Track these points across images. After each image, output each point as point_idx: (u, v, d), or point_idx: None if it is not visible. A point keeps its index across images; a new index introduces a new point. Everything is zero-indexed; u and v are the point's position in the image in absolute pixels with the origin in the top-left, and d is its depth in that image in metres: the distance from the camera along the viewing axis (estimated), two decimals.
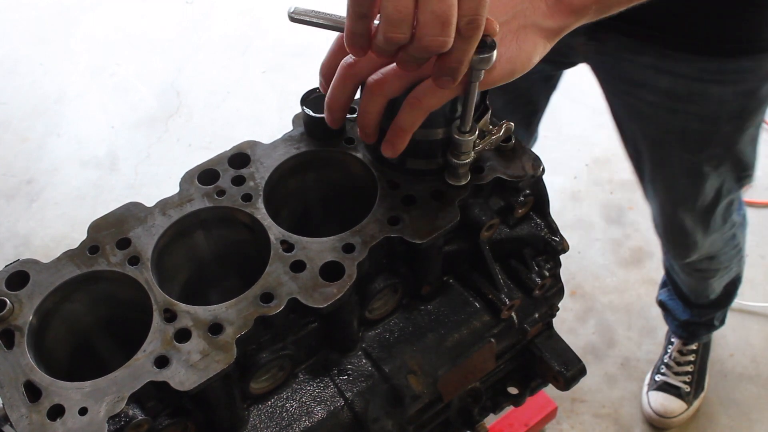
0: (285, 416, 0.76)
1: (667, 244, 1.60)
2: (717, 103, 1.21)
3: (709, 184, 1.35)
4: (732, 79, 1.17)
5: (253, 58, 3.12)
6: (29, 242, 2.49)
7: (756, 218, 2.44)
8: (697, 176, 1.34)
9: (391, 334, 0.82)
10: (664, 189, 1.41)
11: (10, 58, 3.18)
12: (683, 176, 1.35)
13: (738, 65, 1.16)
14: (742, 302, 2.21)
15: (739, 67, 1.16)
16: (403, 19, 0.58)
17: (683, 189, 1.38)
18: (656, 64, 1.19)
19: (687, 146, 1.29)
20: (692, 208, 1.41)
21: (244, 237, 0.77)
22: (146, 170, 2.70)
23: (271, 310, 0.67)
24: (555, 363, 0.91)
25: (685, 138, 1.28)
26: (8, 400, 0.63)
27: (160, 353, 0.65)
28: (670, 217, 1.47)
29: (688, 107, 1.22)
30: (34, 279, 0.70)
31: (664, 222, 1.51)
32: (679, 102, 1.22)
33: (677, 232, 1.50)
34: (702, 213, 1.43)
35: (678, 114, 1.24)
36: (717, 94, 1.19)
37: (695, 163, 1.31)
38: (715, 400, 2.03)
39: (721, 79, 1.17)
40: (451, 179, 0.76)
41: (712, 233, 1.50)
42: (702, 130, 1.25)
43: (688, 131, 1.26)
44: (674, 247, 1.58)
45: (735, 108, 1.22)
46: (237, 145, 0.81)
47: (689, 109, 1.23)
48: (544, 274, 0.86)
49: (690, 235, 1.49)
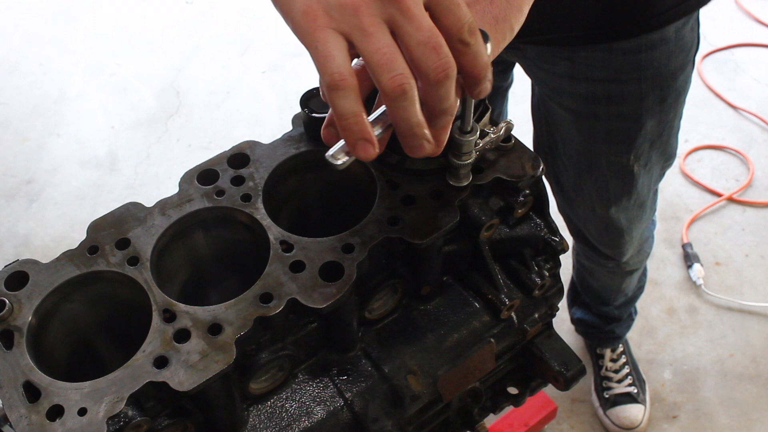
0: (284, 416, 0.76)
1: (602, 247, 1.56)
2: (637, 101, 1.21)
3: (641, 182, 1.36)
4: (647, 75, 1.18)
5: (253, 58, 3.12)
6: (29, 242, 2.49)
7: (756, 218, 2.44)
8: (628, 175, 1.34)
9: (391, 335, 0.82)
10: (596, 193, 1.39)
11: (10, 58, 3.18)
12: (614, 178, 1.34)
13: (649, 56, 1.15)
14: (742, 302, 2.21)
15: (651, 58, 1.16)
16: (390, 58, 0.54)
17: (615, 190, 1.37)
18: (570, 73, 1.19)
19: (613, 147, 1.29)
20: (626, 206, 1.41)
21: (244, 237, 0.77)
22: (146, 170, 2.70)
23: (271, 311, 0.67)
24: (555, 363, 0.91)
25: (611, 140, 1.28)
26: (7, 400, 0.63)
27: (159, 353, 0.65)
28: (604, 220, 1.44)
29: (608, 109, 1.23)
30: (34, 279, 0.70)
31: (598, 225, 1.49)
32: (599, 105, 1.22)
33: (613, 233, 1.48)
34: (636, 209, 1.43)
35: (599, 117, 1.25)
36: (635, 91, 1.19)
37: (624, 164, 1.31)
38: (715, 400, 2.03)
39: (637, 77, 1.17)
40: (453, 180, 0.75)
41: (641, 224, 1.51)
42: (626, 129, 1.26)
43: (613, 132, 1.26)
44: (610, 248, 1.55)
45: (655, 102, 1.22)
46: (236, 145, 0.81)
47: (610, 111, 1.23)
48: (543, 274, 0.86)
49: (626, 233, 1.48)
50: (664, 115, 1.26)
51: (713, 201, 2.48)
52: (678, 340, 2.16)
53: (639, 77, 1.17)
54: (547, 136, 1.39)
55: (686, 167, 2.58)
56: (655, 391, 2.05)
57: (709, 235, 2.40)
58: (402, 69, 0.55)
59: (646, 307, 2.22)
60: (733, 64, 2.95)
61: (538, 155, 0.79)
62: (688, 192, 2.53)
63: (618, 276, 1.72)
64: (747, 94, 2.83)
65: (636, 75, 1.17)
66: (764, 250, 2.36)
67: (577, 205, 1.47)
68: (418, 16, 0.54)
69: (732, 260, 2.34)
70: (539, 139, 1.43)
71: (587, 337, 2.03)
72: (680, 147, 2.48)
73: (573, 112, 1.26)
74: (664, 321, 2.20)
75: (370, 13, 0.53)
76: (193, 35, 3.24)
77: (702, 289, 2.24)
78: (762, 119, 2.73)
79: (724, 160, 2.62)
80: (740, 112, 2.78)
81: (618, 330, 1.95)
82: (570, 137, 1.32)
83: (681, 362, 2.11)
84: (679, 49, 1.18)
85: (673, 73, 1.20)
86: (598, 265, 1.68)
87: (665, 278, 2.30)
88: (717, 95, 2.82)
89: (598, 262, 1.64)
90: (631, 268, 1.68)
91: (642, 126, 1.25)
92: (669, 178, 2.56)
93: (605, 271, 1.70)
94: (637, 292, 1.88)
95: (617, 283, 1.76)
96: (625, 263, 1.62)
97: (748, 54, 3.00)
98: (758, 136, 2.69)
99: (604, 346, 2.02)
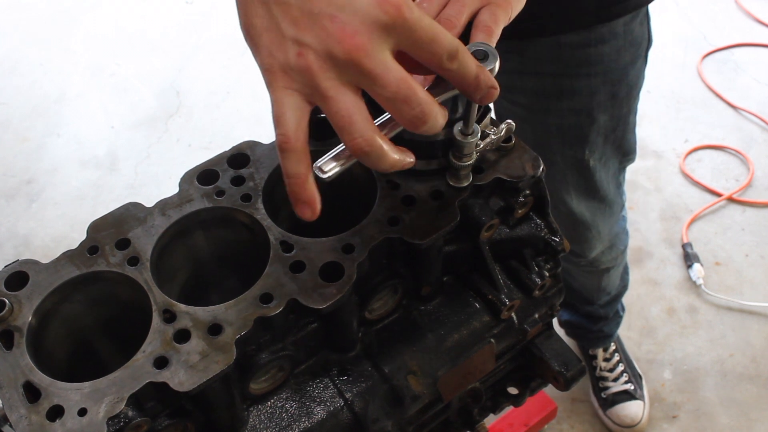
0: (285, 417, 0.76)
1: (571, 243, 1.57)
2: (588, 96, 1.21)
3: (599, 175, 1.37)
4: (597, 70, 1.18)
5: (253, 58, 3.12)
6: (29, 242, 2.49)
7: (756, 218, 2.44)
8: (584, 169, 1.34)
9: (391, 335, 0.82)
10: (556, 187, 1.39)
11: (10, 58, 3.18)
12: (571, 172, 1.35)
13: (598, 51, 1.16)
14: (742, 302, 2.21)
15: (601, 53, 1.16)
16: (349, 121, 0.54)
17: (574, 183, 1.38)
18: (520, 68, 1.19)
19: (567, 142, 1.29)
20: (588, 200, 1.42)
21: (244, 237, 0.77)
22: (146, 170, 2.70)
23: (271, 311, 0.67)
24: (555, 363, 0.91)
25: (564, 134, 1.28)
26: (7, 400, 0.63)
27: (159, 354, 0.65)
28: (568, 215, 1.45)
29: (560, 104, 1.23)
30: (34, 279, 0.70)
31: (563, 221, 1.48)
32: (549, 100, 1.23)
33: (579, 227, 1.49)
34: (598, 202, 1.44)
35: (551, 112, 1.25)
36: (586, 86, 1.20)
37: (579, 159, 1.32)
38: (715, 400, 2.03)
39: (587, 72, 1.18)
40: (453, 180, 0.75)
41: (609, 219, 1.51)
42: (579, 124, 1.26)
43: (565, 127, 1.27)
44: (578, 244, 1.55)
45: (606, 97, 1.22)
46: (236, 145, 0.81)
47: (562, 106, 1.23)
48: (544, 274, 0.86)
49: (591, 227, 1.49)
50: (616, 110, 1.26)
51: (713, 201, 2.48)
52: (678, 340, 2.16)
53: (589, 72, 1.18)
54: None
55: (686, 167, 2.58)
56: (655, 391, 2.05)
57: (709, 235, 2.40)
58: (361, 132, 0.55)
59: (646, 307, 2.22)
60: (733, 64, 2.95)
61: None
62: (688, 192, 2.53)
63: (594, 275, 1.71)
64: (747, 94, 2.83)
65: (586, 70, 1.18)
66: (764, 250, 2.36)
67: None
68: (381, 74, 0.53)
69: (732, 260, 2.34)
70: None
71: (577, 338, 2.03)
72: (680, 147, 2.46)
73: (524, 107, 1.26)
74: (664, 321, 2.20)
75: (327, 77, 0.53)
76: (193, 35, 3.24)
77: (702, 289, 2.24)
78: (762, 119, 2.73)
79: (724, 160, 2.62)
80: (740, 112, 2.78)
81: (606, 329, 1.95)
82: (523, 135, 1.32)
83: (681, 362, 2.11)
84: (629, 44, 1.19)
85: (623, 68, 1.20)
86: (572, 264, 1.67)
87: (665, 278, 2.30)
88: (717, 95, 2.82)
89: (571, 260, 1.63)
90: (607, 266, 1.67)
91: (594, 121, 1.25)
92: (669, 178, 2.56)
93: (581, 270, 1.70)
94: (621, 290, 1.88)
95: (595, 283, 1.75)
96: (597, 260, 1.61)
97: (748, 54, 3.00)
98: (758, 136, 2.69)
99: (595, 346, 2.02)
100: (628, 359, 2.05)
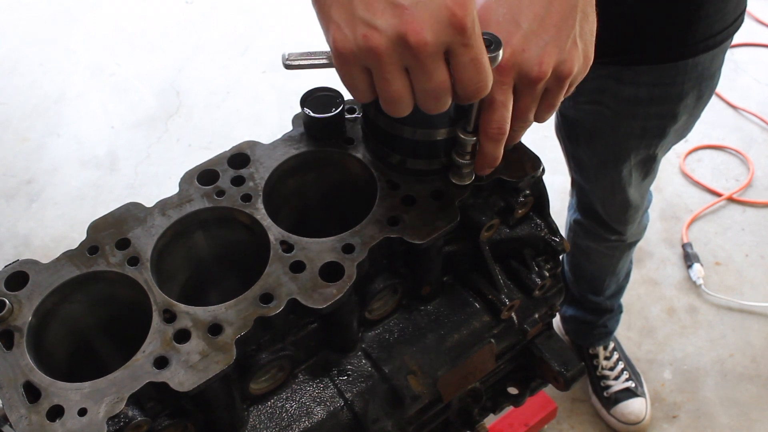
0: (285, 417, 0.76)
1: (613, 222, 1.60)
2: (676, 101, 1.23)
3: (657, 163, 1.42)
4: (692, 76, 1.20)
5: (253, 58, 3.12)
6: (29, 242, 2.49)
7: (756, 218, 2.44)
8: (651, 161, 1.39)
9: (391, 335, 0.82)
10: (622, 180, 1.43)
11: (10, 58, 3.18)
12: (639, 165, 1.39)
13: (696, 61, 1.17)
14: (742, 302, 2.21)
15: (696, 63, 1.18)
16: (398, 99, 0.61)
17: (636, 175, 1.42)
18: (617, 76, 1.21)
19: (645, 142, 1.32)
20: (640, 185, 1.46)
21: (244, 237, 0.77)
22: (146, 170, 2.70)
23: (271, 311, 0.67)
24: (555, 363, 0.91)
25: (645, 134, 1.31)
26: (8, 400, 0.63)
27: (159, 354, 0.65)
28: (622, 200, 1.49)
29: (648, 110, 1.25)
30: (34, 279, 0.70)
31: (614, 205, 1.54)
32: (640, 106, 1.24)
33: (629, 210, 1.54)
34: (648, 185, 1.50)
35: (638, 118, 1.27)
36: (677, 92, 1.22)
37: (651, 154, 1.36)
38: (715, 400, 2.03)
39: (682, 80, 1.20)
40: (455, 179, 0.76)
41: (646, 193, 1.58)
42: (661, 125, 1.29)
43: (648, 129, 1.29)
44: (622, 224, 1.60)
45: (693, 100, 1.25)
46: (236, 145, 0.81)
47: (649, 111, 1.25)
48: (544, 274, 0.86)
49: (639, 208, 1.55)
50: (697, 110, 1.29)
51: (713, 201, 2.48)
52: (678, 340, 2.16)
53: (684, 80, 1.20)
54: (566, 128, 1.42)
55: (686, 167, 2.58)
56: (655, 391, 2.05)
57: (709, 235, 2.40)
58: (401, 112, 0.63)
59: (646, 307, 2.22)
60: (733, 64, 2.95)
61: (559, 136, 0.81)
62: (688, 192, 2.53)
63: (617, 251, 1.74)
64: (747, 94, 2.83)
65: (682, 78, 1.20)
66: (764, 250, 2.36)
67: (596, 187, 1.51)
68: (431, 72, 0.59)
69: (732, 260, 2.34)
70: (559, 127, 1.45)
71: (579, 337, 2.03)
72: (680, 147, 2.46)
73: (612, 110, 1.27)
74: (664, 321, 2.20)
75: (390, 61, 0.59)
76: (193, 35, 3.24)
77: (702, 289, 2.24)
78: (762, 119, 2.73)
79: (724, 160, 2.63)
80: (740, 112, 2.78)
81: (609, 324, 1.96)
82: (602, 132, 1.35)
83: (681, 362, 2.11)
84: (720, 51, 1.20)
85: (713, 73, 1.23)
86: (598, 242, 1.69)
87: (665, 278, 2.30)
88: (717, 95, 2.82)
89: (602, 237, 1.66)
90: (632, 240, 1.70)
91: (676, 121, 1.28)
92: (669, 177, 2.56)
93: (604, 248, 1.71)
94: (625, 281, 1.90)
95: (614, 263, 1.77)
96: (631, 234, 1.66)
97: (748, 54, 3.00)
98: (758, 136, 2.69)
99: (597, 343, 2.02)
100: (626, 358, 2.06)
